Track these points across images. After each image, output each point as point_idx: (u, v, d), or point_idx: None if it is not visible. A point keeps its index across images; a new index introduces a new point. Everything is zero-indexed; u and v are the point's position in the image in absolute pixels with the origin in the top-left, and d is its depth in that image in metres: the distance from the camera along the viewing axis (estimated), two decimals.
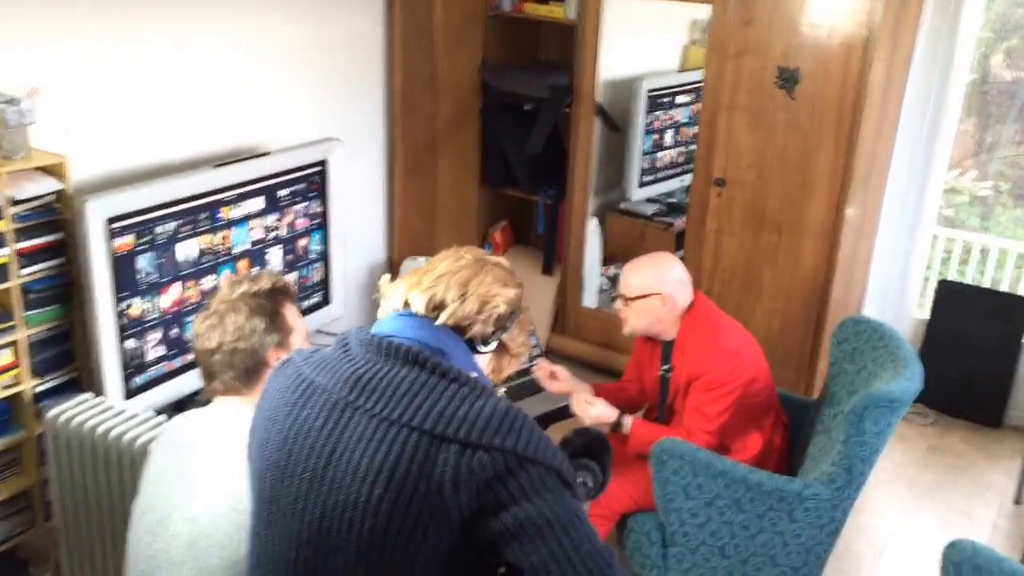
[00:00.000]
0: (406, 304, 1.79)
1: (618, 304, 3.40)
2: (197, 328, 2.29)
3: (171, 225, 3.44)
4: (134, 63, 3.60)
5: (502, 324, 1.82)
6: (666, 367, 3.42)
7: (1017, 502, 4.42)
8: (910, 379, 3.09)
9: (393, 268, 5.09)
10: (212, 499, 2.13)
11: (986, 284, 5.41)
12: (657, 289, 3.30)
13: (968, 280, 5.46)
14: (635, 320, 3.36)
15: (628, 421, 3.34)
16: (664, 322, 3.35)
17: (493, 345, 1.84)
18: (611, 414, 3.33)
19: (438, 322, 1.76)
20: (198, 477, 2.18)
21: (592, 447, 2.13)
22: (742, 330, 3.41)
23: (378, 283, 1.91)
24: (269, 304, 2.30)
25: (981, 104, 5.70)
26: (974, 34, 4.96)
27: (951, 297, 5.19)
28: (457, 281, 1.79)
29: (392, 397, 1.57)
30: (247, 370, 2.26)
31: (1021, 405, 5.05)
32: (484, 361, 1.86)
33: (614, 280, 5.53)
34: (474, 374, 1.69)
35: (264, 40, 4.12)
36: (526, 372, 3.86)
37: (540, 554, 1.50)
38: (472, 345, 1.79)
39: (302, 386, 1.69)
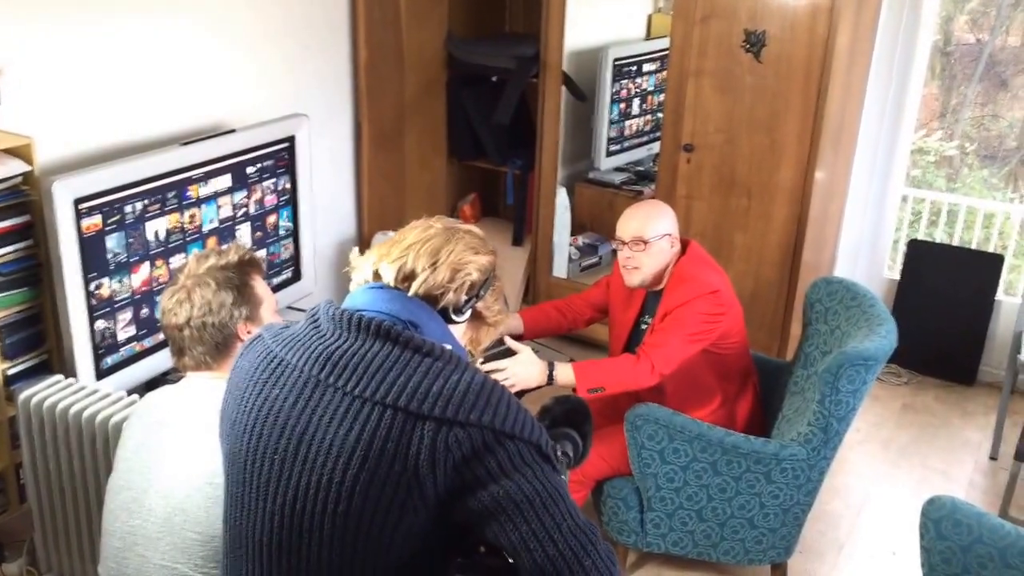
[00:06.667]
0: (376, 276, 1.75)
1: (627, 252, 3.29)
2: (165, 304, 2.27)
3: (139, 204, 3.39)
4: (99, 43, 3.54)
5: (475, 292, 1.78)
6: (647, 318, 3.39)
7: (992, 458, 4.46)
8: (884, 337, 3.10)
9: (363, 243, 5.07)
10: (186, 474, 2.12)
11: (955, 244, 5.44)
12: (669, 229, 3.30)
13: (937, 240, 5.49)
14: (649, 265, 3.28)
15: (562, 370, 3.12)
16: (667, 266, 3.31)
17: (467, 314, 1.79)
18: (538, 377, 3.10)
19: (409, 293, 1.71)
20: (172, 453, 2.17)
21: (572, 415, 2.07)
22: (727, 281, 3.36)
23: (348, 257, 1.88)
24: (237, 277, 2.28)
25: (944, 66, 5.72)
26: None
27: (921, 256, 5.22)
28: (427, 250, 1.74)
29: (364, 374, 1.53)
30: (217, 344, 2.25)
31: (993, 362, 5.09)
32: (459, 332, 1.81)
33: (583, 250, 5.53)
34: (448, 346, 1.63)
35: (229, 16, 4.07)
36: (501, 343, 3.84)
37: (520, 532, 1.48)
38: (446, 315, 1.75)
39: (271, 364, 1.64)
